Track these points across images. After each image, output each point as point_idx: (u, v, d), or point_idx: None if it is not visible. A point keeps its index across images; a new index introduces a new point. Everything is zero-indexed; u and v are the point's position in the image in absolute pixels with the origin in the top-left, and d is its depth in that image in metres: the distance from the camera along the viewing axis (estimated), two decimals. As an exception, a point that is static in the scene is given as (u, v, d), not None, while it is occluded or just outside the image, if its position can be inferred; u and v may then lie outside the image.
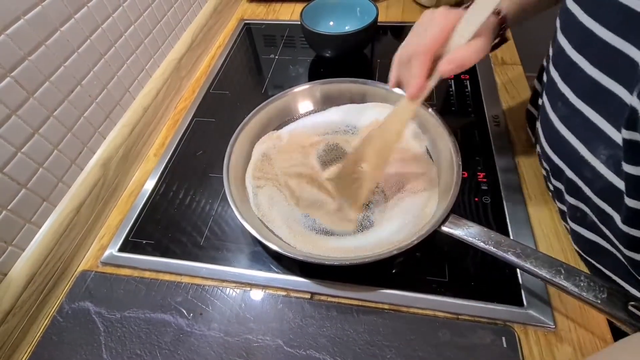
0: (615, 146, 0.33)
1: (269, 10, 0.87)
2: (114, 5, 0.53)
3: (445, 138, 0.49)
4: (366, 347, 0.39)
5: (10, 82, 0.40)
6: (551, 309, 0.40)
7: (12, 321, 0.41)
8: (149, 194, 0.54)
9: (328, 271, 0.44)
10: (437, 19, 0.38)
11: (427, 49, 0.38)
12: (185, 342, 0.41)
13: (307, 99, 0.60)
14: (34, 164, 0.44)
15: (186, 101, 0.68)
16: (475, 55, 0.37)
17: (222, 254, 0.48)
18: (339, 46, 0.67)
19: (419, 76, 0.38)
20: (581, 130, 0.37)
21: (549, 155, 0.42)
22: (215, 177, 0.56)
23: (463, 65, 0.37)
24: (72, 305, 0.44)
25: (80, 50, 0.48)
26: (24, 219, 0.43)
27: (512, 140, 0.56)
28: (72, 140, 0.48)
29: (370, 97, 0.59)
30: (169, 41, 0.67)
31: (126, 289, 0.45)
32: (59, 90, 0.46)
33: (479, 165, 0.53)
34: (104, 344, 0.41)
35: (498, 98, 0.62)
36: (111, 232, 0.51)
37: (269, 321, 0.42)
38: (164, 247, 0.49)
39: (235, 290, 0.44)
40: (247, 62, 0.75)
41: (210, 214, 0.52)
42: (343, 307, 0.42)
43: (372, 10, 0.67)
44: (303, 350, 0.39)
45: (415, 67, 0.38)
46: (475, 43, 0.37)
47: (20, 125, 0.41)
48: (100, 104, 0.52)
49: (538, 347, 0.38)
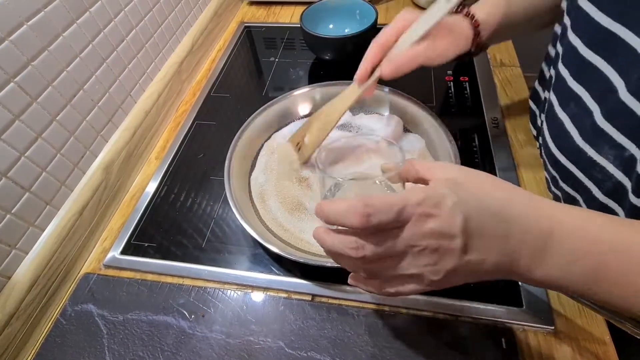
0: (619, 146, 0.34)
1: (269, 13, 0.87)
2: (115, 10, 0.54)
3: (444, 140, 0.50)
4: (367, 349, 0.39)
5: (14, 87, 0.40)
6: (550, 310, 0.40)
7: (15, 324, 0.41)
8: (151, 197, 0.55)
9: (329, 273, 0.45)
10: (399, 17, 0.42)
11: (379, 41, 0.42)
12: (187, 344, 0.41)
13: (307, 101, 0.60)
14: (37, 168, 0.44)
15: (187, 104, 0.69)
16: (413, 60, 0.40)
17: (224, 256, 0.48)
18: (338, 49, 0.68)
19: (365, 63, 0.43)
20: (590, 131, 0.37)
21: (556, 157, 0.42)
22: (216, 180, 0.56)
23: (400, 67, 0.41)
24: (75, 308, 0.45)
25: (83, 55, 0.49)
26: (27, 223, 0.43)
27: (511, 141, 0.56)
28: (74, 144, 0.49)
29: (370, 99, 0.59)
30: (170, 44, 0.67)
31: (128, 292, 0.46)
32: (62, 95, 0.46)
33: (479, 167, 0.53)
34: (106, 346, 0.42)
35: (497, 99, 0.62)
36: (113, 235, 0.52)
37: (270, 323, 0.42)
38: (166, 250, 0.49)
39: (237, 292, 0.45)
40: (247, 65, 0.75)
41: (211, 217, 0.52)
42: (344, 308, 0.42)
43: (371, 13, 0.67)
44: (304, 351, 0.40)
45: (366, 55, 0.43)
46: (416, 48, 0.40)
47: (23, 130, 0.42)
48: (102, 108, 0.53)
49: (537, 348, 0.39)
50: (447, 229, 0.25)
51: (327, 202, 0.28)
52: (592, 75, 0.36)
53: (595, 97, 0.36)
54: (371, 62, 0.43)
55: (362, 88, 0.45)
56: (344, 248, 0.27)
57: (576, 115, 0.39)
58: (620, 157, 0.34)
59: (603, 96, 0.35)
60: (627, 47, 0.31)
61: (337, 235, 0.28)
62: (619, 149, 0.34)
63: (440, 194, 0.26)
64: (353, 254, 0.27)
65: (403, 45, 0.41)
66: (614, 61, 0.34)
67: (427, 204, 0.26)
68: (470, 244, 0.26)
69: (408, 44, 0.41)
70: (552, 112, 0.42)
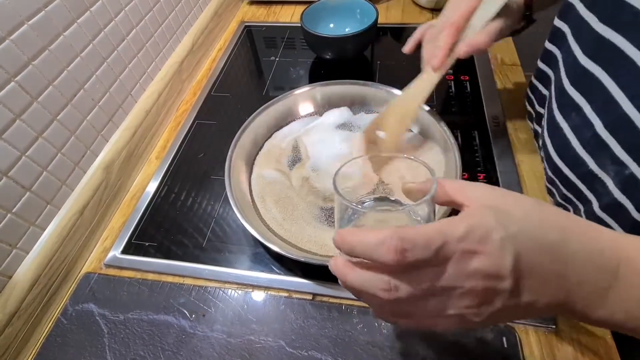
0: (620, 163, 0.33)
1: (270, 12, 0.87)
2: (116, 10, 0.54)
3: (445, 139, 0.50)
4: (367, 348, 0.39)
5: (15, 86, 0.40)
6: (552, 309, 0.40)
7: (17, 323, 0.41)
8: (151, 197, 0.55)
9: (329, 272, 0.44)
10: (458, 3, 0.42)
11: (453, 24, 0.42)
12: (188, 344, 0.41)
13: (308, 101, 0.60)
14: (38, 168, 0.44)
15: (187, 104, 0.69)
16: (489, 40, 0.41)
17: (224, 256, 0.48)
18: (339, 48, 0.68)
19: (444, 47, 0.42)
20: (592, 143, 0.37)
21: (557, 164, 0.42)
22: (216, 179, 0.56)
23: (479, 48, 0.41)
24: (75, 307, 0.45)
25: (83, 55, 0.49)
26: (28, 222, 0.43)
27: (512, 140, 0.56)
28: (75, 144, 0.49)
29: (371, 98, 0.59)
30: (170, 44, 0.67)
31: (129, 291, 0.46)
32: (63, 95, 0.46)
33: (479, 166, 0.53)
34: (107, 346, 0.42)
35: (498, 99, 0.62)
36: (114, 235, 0.52)
37: (271, 322, 0.42)
38: (167, 249, 0.49)
39: (238, 292, 0.45)
40: (247, 65, 0.75)
41: (212, 216, 0.52)
42: (344, 307, 0.42)
43: (372, 12, 0.67)
44: (305, 351, 0.40)
45: (442, 39, 0.42)
46: (489, 28, 0.41)
47: (24, 129, 0.42)
48: (102, 107, 0.53)
49: (539, 347, 0.39)
50: (495, 269, 0.22)
51: (351, 232, 0.24)
52: (591, 85, 0.36)
53: (595, 108, 0.36)
54: (448, 46, 0.42)
55: (440, 73, 0.44)
56: (374, 288, 0.23)
57: (577, 125, 0.38)
58: (621, 174, 0.34)
59: (604, 108, 0.35)
60: (627, 59, 0.31)
61: (365, 272, 0.24)
62: (620, 166, 0.34)
63: (485, 226, 0.23)
64: (385, 295, 0.23)
65: (476, 27, 0.42)
66: (613, 72, 0.33)
67: (471, 238, 0.22)
68: (521, 286, 0.23)
69: (480, 25, 0.41)
70: (553, 119, 0.42)
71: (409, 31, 0.43)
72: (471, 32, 0.42)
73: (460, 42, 0.42)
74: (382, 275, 0.23)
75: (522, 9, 0.44)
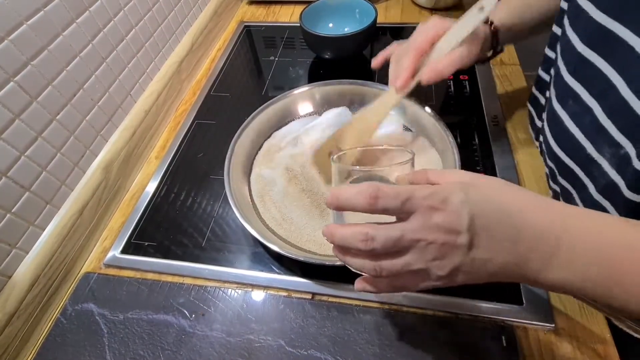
0: (616, 145, 0.34)
1: (269, 12, 0.87)
2: (115, 10, 0.54)
3: (444, 138, 0.50)
4: (367, 347, 0.39)
5: (14, 86, 0.41)
6: (551, 308, 0.40)
7: (16, 323, 0.41)
8: (151, 197, 0.55)
9: (329, 272, 0.45)
10: (430, 25, 0.43)
11: (418, 47, 0.43)
12: (187, 343, 0.41)
13: (307, 100, 0.60)
14: (38, 168, 0.44)
15: (187, 104, 0.69)
16: (452, 65, 0.41)
17: (224, 255, 0.48)
18: (338, 48, 0.68)
19: (407, 70, 0.43)
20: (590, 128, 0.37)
21: (556, 153, 0.42)
22: (216, 179, 0.56)
23: (442, 74, 0.41)
24: (75, 307, 0.45)
25: (83, 55, 0.49)
26: (27, 222, 0.44)
27: (511, 140, 0.56)
28: (74, 144, 0.49)
29: (370, 98, 0.59)
30: (169, 44, 0.67)
31: (129, 291, 0.46)
32: (62, 94, 0.46)
33: (479, 165, 0.53)
34: (107, 345, 0.42)
35: (497, 98, 0.62)
36: (113, 234, 0.52)
37: (271, 321, 0.42)
38: (166, 249, 0.49)
39: (237, 291, 0.45)
40: (247, 64, 0.75)
41: (211, 216, 0.52)
42: (344, 307, 0.42)
43: (371, 12, 0.67)
44: (304, 350, 0.40)
45: (406, 62, 0.43)
46: (453, 55, 0.42)
47: (23, 129, 0.42)
48: (102, 107, 0.53)
49: (537, 346, 0.39)
50: (453, 225, 0.26)
51: (340, 188, 0.29)
52: (589, 73, 0.36)
53: (593, 94, 0.36)
54: (411, 69, 0.43)
55: (402, 94, 0.45)
56: (354, 240, 0.27)
57: (576, 112, 0.39)
58: (616, 155, 0.34)
59: (603, 94, 0.35)
60: (625, 46, 0.32)
61: (348, 226, 0.28)
62: (616, 147, 0.34)
63: (448, 190, 0.26)
64: (362, 245, 0.27)
65: (441, 52, 0.42)
66: (612, 59, 0.34)
67: (435, 198, 0.26)
68: (476, 242, 0.26)
69: (446, 51, 0.42)
70: (552, 109, 0.42)
71: (408, 31, 0.43)
72: (437, 55, 0.43)
73: (424, 67, 0.43)
74: (362, 228, 0.27)
75: (489, 38, 0.46)
